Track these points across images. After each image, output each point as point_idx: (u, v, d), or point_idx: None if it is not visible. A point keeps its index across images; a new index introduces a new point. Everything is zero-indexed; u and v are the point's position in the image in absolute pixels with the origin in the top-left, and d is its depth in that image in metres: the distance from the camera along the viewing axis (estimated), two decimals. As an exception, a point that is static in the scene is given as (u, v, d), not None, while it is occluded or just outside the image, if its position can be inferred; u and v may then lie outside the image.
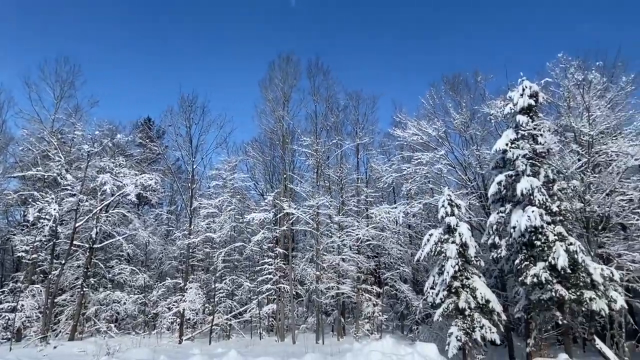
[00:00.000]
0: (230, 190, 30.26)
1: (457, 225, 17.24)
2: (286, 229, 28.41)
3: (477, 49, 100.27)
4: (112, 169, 26.91)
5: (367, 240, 26.87)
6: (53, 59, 39.91)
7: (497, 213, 18.24)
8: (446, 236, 17.39)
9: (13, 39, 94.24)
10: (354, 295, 26.08)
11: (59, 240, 26.16)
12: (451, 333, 16.26)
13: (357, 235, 26.30)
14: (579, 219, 18.39)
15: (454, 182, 25.25)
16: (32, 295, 24.86)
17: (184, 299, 26.21)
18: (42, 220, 24.24)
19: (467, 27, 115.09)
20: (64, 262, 25.14)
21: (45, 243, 25.98)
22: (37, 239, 25.35)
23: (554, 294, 15.24)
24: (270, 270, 27.52)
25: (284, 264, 28.09)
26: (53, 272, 25.19)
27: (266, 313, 28.22)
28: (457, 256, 16.74)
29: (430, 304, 18.13)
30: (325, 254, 26.92)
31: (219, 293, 28.37)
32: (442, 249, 17.14)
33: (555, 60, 19.84)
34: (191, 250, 28.52)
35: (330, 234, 27.68)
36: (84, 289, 25.63)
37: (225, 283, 28.75)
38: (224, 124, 32.82)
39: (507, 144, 17.55)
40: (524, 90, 17.74)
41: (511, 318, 19.08)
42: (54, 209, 24.18)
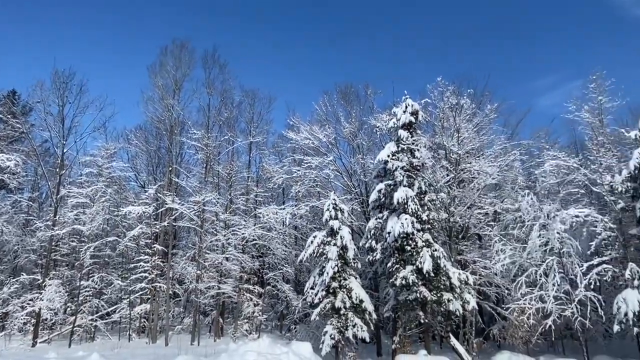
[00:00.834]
0: (107, 180, 27.99)
1: (339, 229, 18.03)
2: (167, 224, 26.87)
3: (378, 59, 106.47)
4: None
5: (253, 240, 26.68)
6: None
7: (376, 219, 19.55)
8: (329, 238, 18.09)
9: None
10: (235, 295, 25.67)
11: None
12: (326, 332, 16.94)
13: (243, 234, 25.97)
14: (443, 227, 20.59)
15: (339, 187, 26.47)
16: None
17: (41, 297, 23.65)
18: None
19: (363, 41, 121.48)
20: None
21: None
22: None
23: (418, 295, 16.78)
24: (146, 268, 25.80)
25: (162, 261, 26.55)
26: None
27: (138, 313, 26.40)
28: (337, 258, 17.52)
29: (309, 303, 18.69)
30: (208, 252, 26.09)
31: (85, 291, 26.05)
32: (324, 251, 17.81)
33: (434, 83, 22.27)
34: (54, 243, 25.85)
35: (215, 232, 26.92)
36: None
37: (92, 280, 26.26)
38: (104, 107, 29.73)
39: (388, 156, 18.93)
40: (406, 107, 19.33)
41: (381, 317, 20.51)
42: None
